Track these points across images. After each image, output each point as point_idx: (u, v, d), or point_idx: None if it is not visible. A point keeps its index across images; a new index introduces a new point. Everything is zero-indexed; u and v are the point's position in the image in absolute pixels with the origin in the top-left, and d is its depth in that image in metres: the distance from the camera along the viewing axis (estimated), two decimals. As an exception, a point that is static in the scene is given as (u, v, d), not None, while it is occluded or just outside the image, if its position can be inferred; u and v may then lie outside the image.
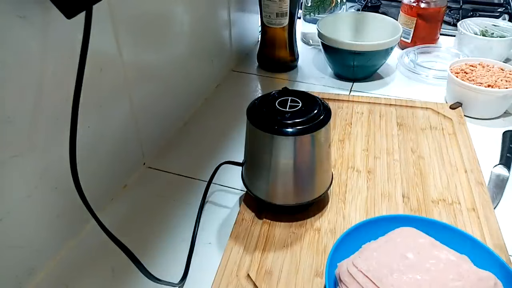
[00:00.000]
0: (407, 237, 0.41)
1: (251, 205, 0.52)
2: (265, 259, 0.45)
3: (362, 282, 0.36)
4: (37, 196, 0.42)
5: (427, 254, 0.39)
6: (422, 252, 0.39)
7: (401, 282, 0.36)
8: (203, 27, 0.70)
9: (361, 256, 0.39)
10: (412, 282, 0.36)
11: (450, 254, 0.39)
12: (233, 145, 0.63)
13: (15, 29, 0.36)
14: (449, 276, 0.36)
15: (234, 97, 0.76)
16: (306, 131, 0.43)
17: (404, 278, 0.36)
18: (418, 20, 0.86)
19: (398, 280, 0.36)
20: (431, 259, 0.38)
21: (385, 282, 0.36)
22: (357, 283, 0.37)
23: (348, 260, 0.40)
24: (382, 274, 0.37)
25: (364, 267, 0.37)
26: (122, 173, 0.56)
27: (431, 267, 0.37)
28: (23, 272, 0.42)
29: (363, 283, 0.36)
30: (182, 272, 0.44)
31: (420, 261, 0.38)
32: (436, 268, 0.37)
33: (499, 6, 1.06)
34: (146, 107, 0.58)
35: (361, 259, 0.39)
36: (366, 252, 0.40)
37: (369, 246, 0.41)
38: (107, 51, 0.48)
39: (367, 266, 0.37)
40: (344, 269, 0.38)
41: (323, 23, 0.80)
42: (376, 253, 0.39)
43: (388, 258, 0.38)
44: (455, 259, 0.38)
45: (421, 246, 0.39)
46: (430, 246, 0.40)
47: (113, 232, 0.39)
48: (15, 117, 0.37)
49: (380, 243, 0.41)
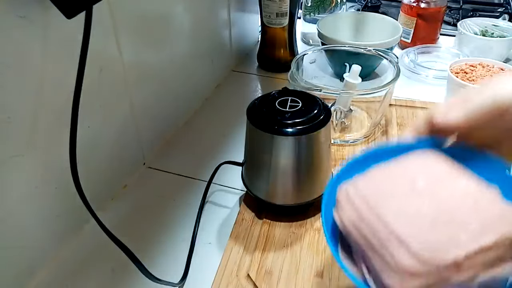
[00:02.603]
0: (423, 161, 0.33)
1: (251, 205, 0.52)
2: (265, 259, 0.45)
3: (357, 204, 0.31)
4: (37, 196, 0.42)
5: (442, 181, 0.31)
6: (437, 179, 0.32)
7: (399, 208, 0.30)
8: (203, 27, 0.70)
9: (364, 178, 0.33)
10: (412, 210, 0.29)
11: (472, 183, 0.31)
12: (233, 145, 0.63)
13: (15, 29, 0.36)
14: (462, 207, 0.29)
15: (234, 97, 0.76)
16: (306, 131, 0.43)
17: (404, 204, 0.30)
18: (418, 20, 0.86)
19: (396, 206, 0.30)
20: (446, 187, 0.31)
21: (380, 206, 0.30)
22: (351, 205, 0.31)
23: (350, 181, 0.34)
24: (380, 198, 0.31)
25: (363, 189, 0.32)
26: (122, 173, 0.56)
27: (442, 195, 0.30)
28: (23, 272, 0.42)
29: (357, 205, 0.31)
30: (182, 272, 0.44)
31: (431, 188, 0.31)
32: (448, 197, 0.30)
33: (499, 6, 1.06)
34: (146, 107, 0.58)
35: (363, 180, 0.33)
36: (371, 174, 0.33)
37: (376, 168, 0.34)
38: (107, 51, 0.48)
39: (367, 188, 0.32)
40: (343, 190, 0.33)
41: (323, 23, 0.80)
42: (382, 176, 0.33)
43: (393, 182, 0.32)
44: (477, 189, 0.31)
45: (437, 172, 0.32)
46: (449, 172, 0.32)
47: (113, 232, 0.39)
48: (15, 117, 0.37)
49: (390, 166, 0.34)
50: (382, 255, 0.28)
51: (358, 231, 0.30)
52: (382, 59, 0.77)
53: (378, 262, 0.29)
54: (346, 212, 0.31)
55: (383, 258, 0.28)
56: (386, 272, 0.28)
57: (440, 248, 0.27)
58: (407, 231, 0.28)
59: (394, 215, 0.29)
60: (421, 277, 0.27)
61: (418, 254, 0.27)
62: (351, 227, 0.31)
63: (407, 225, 0.28)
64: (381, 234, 0.29)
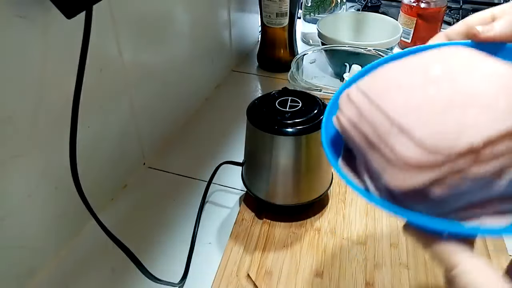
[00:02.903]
0: (443, 51, 0.26)
1: (251, 205, 0.52)
2: (265, 259, 0.45)
3: (357, 101, 0.25)
4: (37, 196, 0.42)
5: (464, 65, 0.24)
6: (458, 64, 0.24)
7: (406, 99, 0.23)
8: (203, 27, 0.70)
9: (370, 75, 0.27)
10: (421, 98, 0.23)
11: (501, 66, 0.24)
12: (233, 145, 0.63)
13: (15, 29, 0.36)
14: (486, 89, 0.22)
15: (234, 97, 0.76)
16: (306, 131, 0.43)
17: (412, 95, 0.23)
18: (418, 20, 0.86)
19: (403, 97, 0.23)
20: (468, 71, 0.24)
21: (383, 99, 0.24)
22: (350, 104, 0.26)
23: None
24: (384, 91, 0.25)
25: (366, 85, 0.26)
26: (122, 173, 0.56)
27: (462, 79, 0.23)
28: (23, 272, 0.42)
29: (357, 102, 0.25)
30: (182, 272, 0.44)
31: (449, 75, 0.24)
32: (469, 80, 0.23)
33: (499, 6, 1.06)
34: (146, 107, 0.58)
35: (367, 78, 0.27)
36: (378, 71, 0.27)
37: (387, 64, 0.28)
38: (107, 51, 0.48)
39: (371, 83, 0.26)
40: (344, 92, 0.27)
41: (323, 23, 0.80)
42: (390, 70, 0.26)
43: (402, 74, 0.25)
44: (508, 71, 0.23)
45: (459, 59, 0.25)
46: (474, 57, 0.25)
47: (113, 232, 0.39)
48: (16, 117, 0.37)
49: (401, 60, 0.27)
50: (383, 153, 0.23)
51: (357, 130, 0.25)
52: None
53: (379, 162, 0.23)
54: (345, 112, 0.26)
55: (383, 155, 0.23)
56: (387, 170, 0.22)
57: (452, 132, 0.21)
58: (412, 119, 0.22)
59: (398, 106, 0.23)
60: (428, 170, 0.21)
61: (423, 142, 0.21)
62: (349, 127, 0.25)
63: (413, 114, 0.22)
64: (382, 128, 0.23)
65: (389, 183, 0.22)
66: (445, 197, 0.21)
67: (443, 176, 0.21)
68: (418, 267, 0.44)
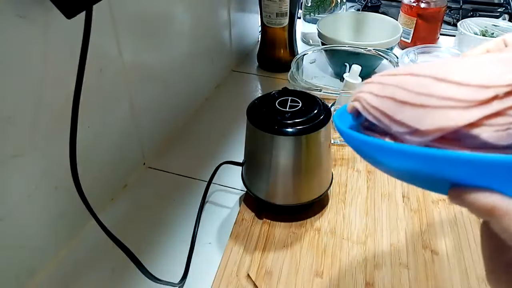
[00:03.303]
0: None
1: (251, 205, 0.52)
2: (265, 259, 0.45)
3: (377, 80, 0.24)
4: (37, 196, 0.42)
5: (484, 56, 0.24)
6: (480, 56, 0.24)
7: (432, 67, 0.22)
8: (203, 27, 0.70)
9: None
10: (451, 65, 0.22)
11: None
12: (233, 145, 0.63)
13: (15, 29, 0.36)
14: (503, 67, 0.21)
15: (234, 97, 0.76)
16: (306, 131, 0.43)
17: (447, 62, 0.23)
18: (418, 20, 0.86)
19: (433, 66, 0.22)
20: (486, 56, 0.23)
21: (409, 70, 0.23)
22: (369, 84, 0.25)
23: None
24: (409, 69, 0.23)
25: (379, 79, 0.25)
26: (122, 173, 0.56)
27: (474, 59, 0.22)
28: (23, 272, 0.42)
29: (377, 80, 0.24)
30: (182, 272, 0.44)
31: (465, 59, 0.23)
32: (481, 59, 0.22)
33: (499, 6, 1.06)
34: (146, 107, 0.58)
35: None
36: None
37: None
38: (107, 51, 0.48)
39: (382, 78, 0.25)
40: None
41: (323, 23, 0.80)
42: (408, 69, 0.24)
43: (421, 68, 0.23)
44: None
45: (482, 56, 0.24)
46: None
47: (113, 232, 0.39)
48: (16, 117, 0.37)
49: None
50: (420, 103, 0.21)
51: (380, 99, 0.23)
52: (382, 59, 0.77)
53: (413, 115, 0.21)
54: (365, 90, 0.25)
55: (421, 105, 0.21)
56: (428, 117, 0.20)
57: (493, 74, 0.20)
58: (448, 72, 0.21)
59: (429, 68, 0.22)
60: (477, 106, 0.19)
61: (468, 81, 0.20)
62: (371, 98, 0.24)
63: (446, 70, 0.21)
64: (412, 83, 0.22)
65: (431, 126, 0.20)
66: (492, 140, 0.19)
67: (494, 113, 0.19)
68: (418, 267, 0.44)
